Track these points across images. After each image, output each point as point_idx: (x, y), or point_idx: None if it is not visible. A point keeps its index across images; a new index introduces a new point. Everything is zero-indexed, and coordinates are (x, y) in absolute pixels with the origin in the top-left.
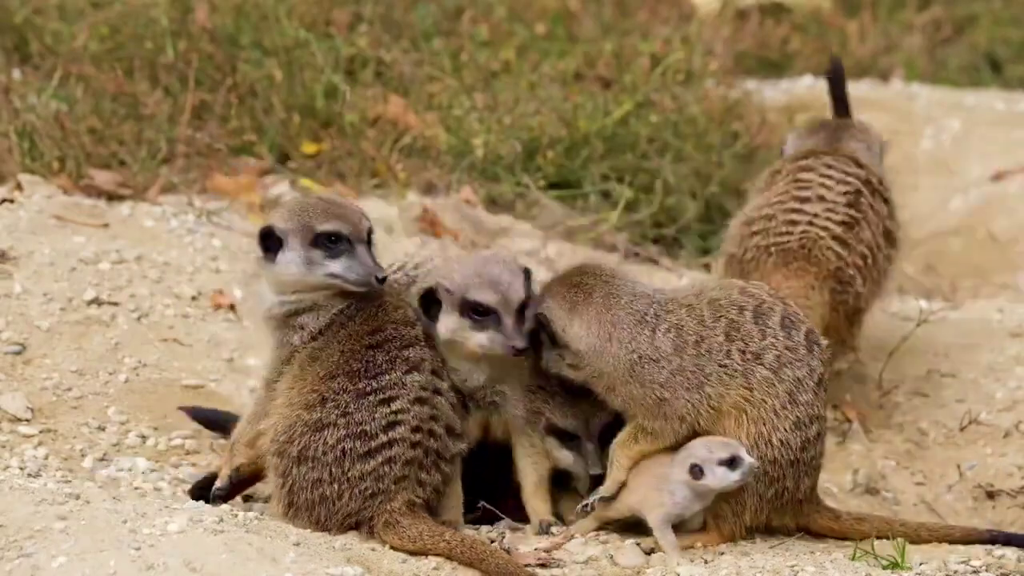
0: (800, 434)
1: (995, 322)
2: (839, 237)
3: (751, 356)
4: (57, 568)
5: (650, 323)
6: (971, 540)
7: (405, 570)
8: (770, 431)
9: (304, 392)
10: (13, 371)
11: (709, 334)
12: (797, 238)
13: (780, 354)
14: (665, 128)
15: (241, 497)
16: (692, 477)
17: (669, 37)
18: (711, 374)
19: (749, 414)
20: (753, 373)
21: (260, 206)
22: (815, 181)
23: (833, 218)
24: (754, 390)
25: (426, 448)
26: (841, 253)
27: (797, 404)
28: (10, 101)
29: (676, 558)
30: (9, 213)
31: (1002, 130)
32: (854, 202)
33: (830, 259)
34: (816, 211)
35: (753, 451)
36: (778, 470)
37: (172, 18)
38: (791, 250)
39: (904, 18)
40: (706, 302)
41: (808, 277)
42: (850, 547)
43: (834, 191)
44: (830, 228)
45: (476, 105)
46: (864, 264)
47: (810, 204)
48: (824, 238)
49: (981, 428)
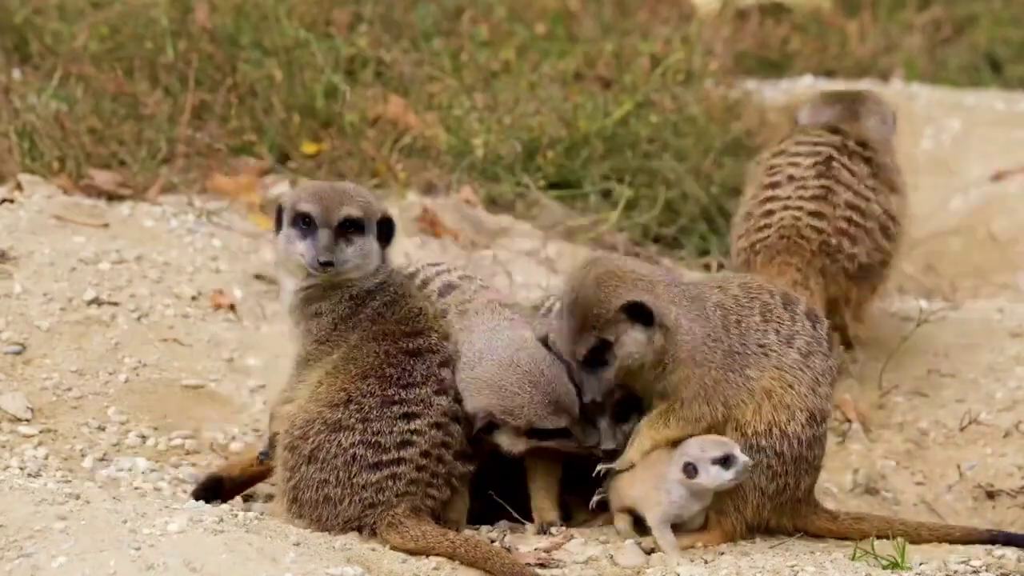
0: (811, 430)
1: (995, 322)
2: (814, 212)
3: (784, 339)
4: (57, 568)
5: (700, 301)
6: (971, 540)
7: (405, 570)
8: (787, 420)
9: (333, 389)
10: (13, 371)
11: (747, 314)
12: (775, 230)
13: (808, 341)
14: (665, 128)
15: (241, 497)
16: (686, 476)
17: (669, 37)
18: (751, 355)
19: (772, 400)
20: (787, 355)
21: (260, 206)
22: (784, 164)
23: (804, 195)
24: (785, 373)
25: (433, 472)
26: (819, 226)
27: (817, 395)
28: (10, 101)
29: (676, 558)
30: (9, 213)
31: (1002, 130)
32: (824, 171)
33: (811, 238)
34: (788, 193)
35: (767, 438)
36: (783, 465)
37: (172, 18)
38: (771, 245)
39: (904, 18)
40: (736, 285)
41: (791, 271)
42: (850, 547)
43: (802, 166)
44: (803, 206)
45: (476, 105)
46: (849, 225)
47: (781, 188)
48: (800, 218)
49: (981, 428)
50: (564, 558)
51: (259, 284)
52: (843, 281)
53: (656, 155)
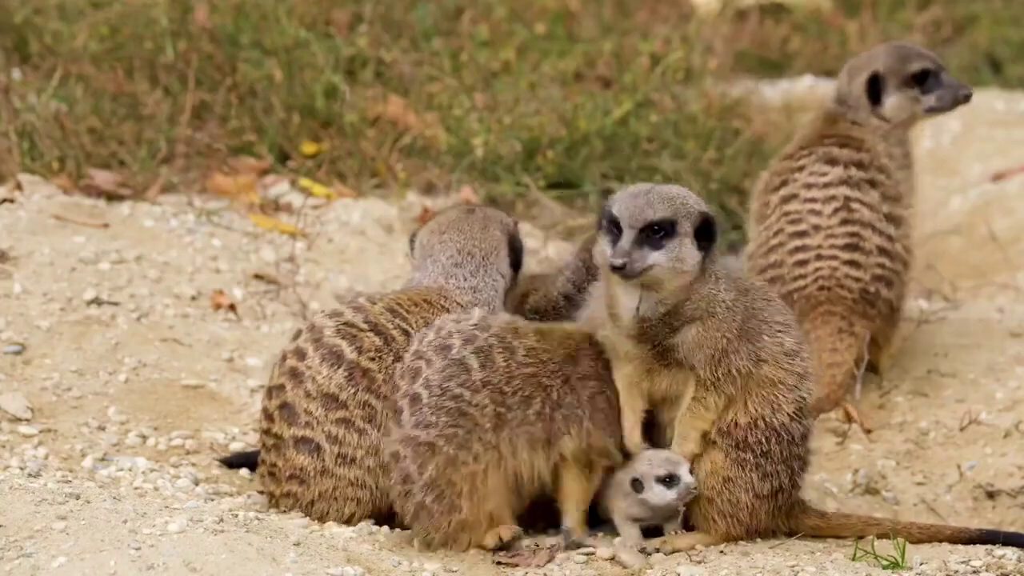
0: (799, 426)
1: (995, 322)
2: (849, 261)
3: (783, 324)
4: (57, 568)
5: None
6: (963, 539)
7: (405, 570)
8: (773, 412)
9: None
10: (13, 371)
11: (756, 295)
12: (812, 280)
13: (799, 338)
14: (665, 128)
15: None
16: (633, 490)
17: (669, 37)
18: (764, 334)
19: (761, 391)
20: (784, 342)
21: (260, 206)
22: (804, 210)
23: (836, 243)
24: (780, 361)
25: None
26: (857, 275)
27: (803, 389)
28: (10, 101)
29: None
30: (9, 213)
31: (1002, 130)
32: (847, 216)
33: (851, 287)
34: (818, 242)
35: (753, 433)
36: (773, 465)
37: (172, 18)
38: (810, 296)
39: (904, 18)
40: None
41: (835, 319)
42: (850, 547)
43: (824, 214)
44: (837, 255)
45: (476, 105)
46: (883, 271)
47: (809, 237)
48: (837, 268)
49: (981, 428)
50: (564, 558)
51: (259, 284)
52: (880, 323)
53: (656, 154)
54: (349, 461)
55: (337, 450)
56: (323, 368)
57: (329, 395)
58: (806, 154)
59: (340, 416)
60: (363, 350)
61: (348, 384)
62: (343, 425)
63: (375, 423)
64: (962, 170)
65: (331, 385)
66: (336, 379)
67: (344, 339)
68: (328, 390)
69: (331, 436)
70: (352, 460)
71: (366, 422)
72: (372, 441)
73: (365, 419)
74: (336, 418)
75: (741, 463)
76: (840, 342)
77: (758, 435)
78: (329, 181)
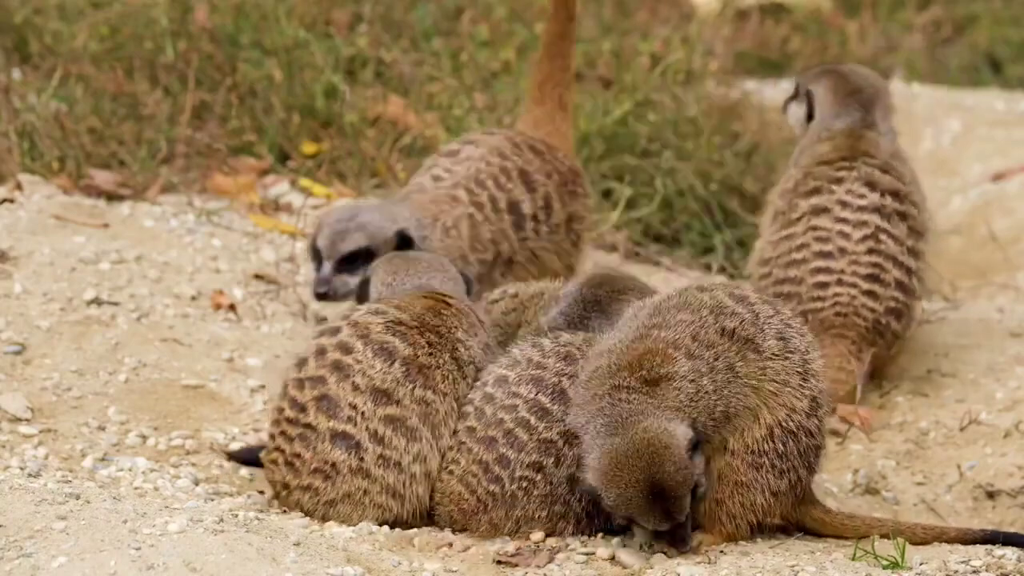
0: (813, 421)
1: (995, 322)
2: (868, 292)
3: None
4: (57, 568)
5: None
6: (967, 541)
7: (405, 571)
8: (787, 416)
9: None
10: (13, 371)
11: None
12: (831, 305)
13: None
14: (665, 128)
15: (243, 496)
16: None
17: (669, 37)
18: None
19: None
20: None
21: (260, 206)
22: (833, 230)
23: (859, 272)
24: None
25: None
26: (873, 306)
27: (808, 386)
28: (10, 101)
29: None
30: (9, 213)
31: (1002, 130)
32: (875, 247)
33: (866, 316)
34: (842, 267)
35: (768, 442)
36: (790, 462)
37: (172, 18)
38: (826, 320)
39: (904, 18)
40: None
41: (845, 343)
42: (850, 547)
43: (853, 239)
44: (858, 283)
45: (476, 105)
46: (897, 304)
47: (834, 260)
48: (856, 296)
49: (981, 428)
50: (564, 558)
51: (259, 284)
52: (885, 351)
53: (656, 154)
54: (392, 465)
55: (380, 451)
56: (376, 362)
57: (381, 390)
58: (847, 167)
59: (390, 413)
60: (417, 346)
61: (405, 380)
62: (391, 425)
63: (429, 423)
64: (962, 170)
65: (386, 380)
66: (392, 373)
67: (395, 335)
68: (382, 385)
69: (375, 435)
70: (396, 464)
71: (421, 421)
72: (421, 448)
73: (421, 417)
74: (385, 415)
75: (757, 467)
76: (847, 363)
77: (775, 443)
78: (329, 181)
